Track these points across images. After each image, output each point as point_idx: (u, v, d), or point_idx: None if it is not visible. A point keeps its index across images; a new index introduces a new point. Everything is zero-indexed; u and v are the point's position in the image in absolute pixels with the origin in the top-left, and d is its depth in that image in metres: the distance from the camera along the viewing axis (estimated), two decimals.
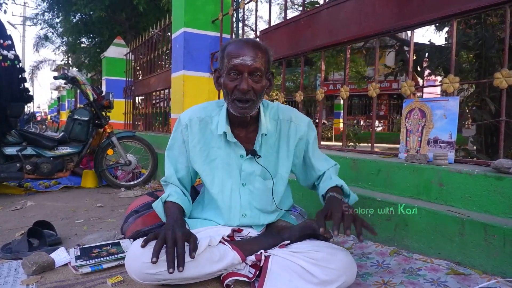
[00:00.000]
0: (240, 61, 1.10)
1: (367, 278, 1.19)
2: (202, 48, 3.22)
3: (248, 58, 1.10)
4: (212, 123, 1.27)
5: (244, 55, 1.10)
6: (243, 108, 1.13)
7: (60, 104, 17.48)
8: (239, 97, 1.12)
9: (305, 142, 1.32)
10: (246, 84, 1.09)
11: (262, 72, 1.13)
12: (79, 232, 1.83)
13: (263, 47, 1.16)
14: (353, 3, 1.93)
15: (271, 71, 1.22)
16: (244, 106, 1.13)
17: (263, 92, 1.16)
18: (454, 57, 1.55)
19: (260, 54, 1.12)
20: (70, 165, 3.06)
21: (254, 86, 1.11)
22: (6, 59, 2.73)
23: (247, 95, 1.11)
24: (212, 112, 1.28)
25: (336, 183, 1.24)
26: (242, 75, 1.11)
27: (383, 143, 9.04)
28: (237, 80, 1.11)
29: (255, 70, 1.10)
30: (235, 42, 1.16)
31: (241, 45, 1.13)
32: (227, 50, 1.14)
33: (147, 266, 1.02)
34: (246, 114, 1.16)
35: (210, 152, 1.27)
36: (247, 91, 1.10)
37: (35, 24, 11.54)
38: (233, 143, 1.24)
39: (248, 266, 1.15)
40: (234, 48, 1.12)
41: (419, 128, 1.58)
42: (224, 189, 1.27)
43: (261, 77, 1.13)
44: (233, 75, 1.12)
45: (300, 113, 1.35)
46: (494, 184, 1.25)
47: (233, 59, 1.10)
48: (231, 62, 1.10)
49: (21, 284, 1.18)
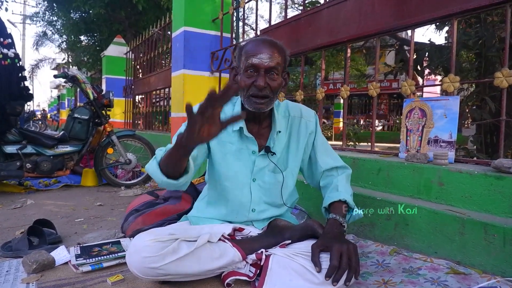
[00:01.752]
0: (257, 59, 1.14)
1: (367, 277, 1.19)
2: (202, 47, 3.21)
3: (265, 56, 1.14)
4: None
5: (261, 53, 1.14)
6: (259, 104, 1.17)
7: (60, 103, 17.47)
8: (255, 93, 1.16)
9: (313, 136, 1.36)
10: (262, 81, 1.14)
11: (278, 70, 1.17)
12: (79, 231, 1.83)
13: (280, 46, 1.20)
14: (353, 2, 1.93)
15: (287, 70, 1.26)
16: (261, 102, 1.17)
17: (278, 90, 1.20)
18: (454, 57, 1.55)
19: (277, 53, 1.17)
20: (70, 163, 3.06)
21: (270, 83, 1.16)
22: (6, 58, 2.73)
23: (263, 91, 1.16)
24: (225, 108, 1.29)
25: (340, 198, 1.24)
26: (259, 73, 1.15)
27: (383, 142, 9.05)
28: (254, 77, 1.15)
29: (271, 68, 1.15)
30: (254, 41, 1.20)
31: (259, 44, 1.17)
32: (245, 48, 1.19)
33: (149, 260, 1.02)
34: (262, 110, 1.20)
35: (224, 146, 1.29)
36: (263, 87, 1.14)
37: (35, 23, 11.53)
38: (248, 138, 1.26)
39: (249, 265, 1.15)
40: (252, 47, 1.17)
41: (419, 127, 1.58)
42: (236, 185, 1.29)
43: (277, 75, 1.17)
44: (250, 72, 1.16)
45: (307, 108, 1.40)
46: (494, 183, 1.25)
47: (251, 58, 1.15)
48: (249, 61, 1.15)
49: (21, 282, 1.18)
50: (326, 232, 1.14)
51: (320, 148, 1.37)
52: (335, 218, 1.18)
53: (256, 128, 1.29)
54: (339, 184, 1.30)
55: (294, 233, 1.22)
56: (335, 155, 1.40)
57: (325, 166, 1.35)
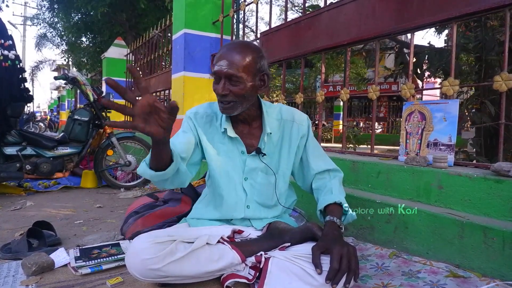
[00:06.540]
0: (218, 67, 1.17)
1: (366, 280, 1.19)
2: (203, 49, 3.22)
3: (225, 64, 1.16)
4: (217, 121, 1.33)
5: (222, 60, 1.17)
6: (224, 108, 1.21)
7: (60, 104, 17.47)
8: (220, 99, 1.21)
9: (305, 139, 1.38)
10: (221, 89, 1.17)
11: (238, 77, 1.17)
12: (78, 233, 1.83)
13: (248, 51, 1.19)
14: (353, 6, 1.94)
15: (265, 71, 1.25)
16: (226, 106, 1.21)
17: (245, 94, 1.19)
18: (454, 61, 1.55)
19: (240, 59, 1.17)
20: (69, 165, 3.06)
21: (232, 89, 1.18)
22: (7, 59, 2.73)
23: (226, 97, 1.18)
24: (217, 110, 1.33)
25: (335, 200, 1.25)
26: (220, 80, 1.19)
27: (382, 145, 9.06)
28: (218, 83, 1.19)
29: (230, 75, 1.17)
30: (224, 47, 1.23)
31: (225, 50, 1.20)
32: (216, 55, 1.23)
33: (149, 262, 1.02)
34: (228, 114, 1.23)
35: (215, 146, 1.32)
36: (222, 95, 1.18)
37: (36, 24, 11.54)
38: (234, 138, 1.30)
39: (248, 267, 1.15)
40: (219, 54, 1.21)
41: (419, 130, 1.58)
42: (230, 181, 1.31)
43: (238, 81, 1.17)
44: (215, 78, 1.21)
45: (300, 112, 1.41)
46: (494, 187, 1.25)
47: (214, 65, 1.20)
48: (213, 68, 1.20)
49: (20, 284, 1.18)
50: (325, 234, 1.14)
51: (312, 151, 1.38)
52: (332, 220, 1.18)
53: (247, 128, 1.33)
54: (333, 187, 1.32)
55: (293, 235, 1.22)
56: (327, 158, 1.41)
57: (317, 169, 1.36)
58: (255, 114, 1.31)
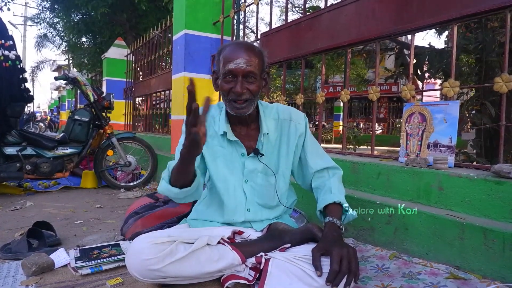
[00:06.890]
0: (234, 65, 1.16)
1: (366, 281, 1.19)
2: (203, 50, 3.22)
3: (242, 61, 1.16)
4: (215, 124, 1.32)
5: (238, 58, 1.16)
6: (240, 108, 1.20)
7: (60, 104, 17.47)
8: (235, 98, 1.18)
9: (303, 138, 1.37)
10: (240, 87, 1.16)
11: (255, 74, 1.18)
12: (78, 233, 1.83)
13: (256, 50, 1.22)
14: (353, 7, 1.94)
15: (266, 71, 1.28)
16: (241, 106, 1.20)
17: (258, 92, 1.22)
18: (454, 62, 1.55)
19: (254, 57, 1.18)
20: (69, 165, 3.06)
21: (249, 87, 1.18)
22: (8, 60, 2.74)
23: (242, 96, 1.18)
24: (215, 113, 1.33)
25: (335, 200, 1.24)
26: (237, 78, 1.17)
27: (382, 146, 9.06)
28: (232, 82, 1.18)
29: (248, 73, 1.17)
30: (230, 46, 1.22)
31: (236, 49, 1.19)
32: (223, 54, 1.20)
33: (149, 262, 1.02)
34: (243, 114, 1.22)
35: (214, 150, 1.31)
36: (241, 93, 1.17)
37: (36, 24, 11.54)
38: (234, 141, 1.29)
39: (248, 268, 1.15)
40: (229, 52, 1.19)
41: (419, 132, 1.58)
42: (229, 186, 1.31)
43: (255, 79, 1.19)
44: (228, 78, 1.18)
45: (297, 111, 1.41)
46: (494, 188, 1.25)
47: (228, 63, 1.17)
48: (226, 67, 1.17)
49: (20, 285, 1.18)
50: (325, 236, 1.13)
51: (310, 150, 1.38)
52: (332, 221, 1.17)
53: (245, 130, 1.32)
54: (332, 186, 1.31)
55: (293, 236, 1.22)
56: (325, 156, 1.40)
57: (316, 167, 1.35)
58: (254, 115, 1.31)
